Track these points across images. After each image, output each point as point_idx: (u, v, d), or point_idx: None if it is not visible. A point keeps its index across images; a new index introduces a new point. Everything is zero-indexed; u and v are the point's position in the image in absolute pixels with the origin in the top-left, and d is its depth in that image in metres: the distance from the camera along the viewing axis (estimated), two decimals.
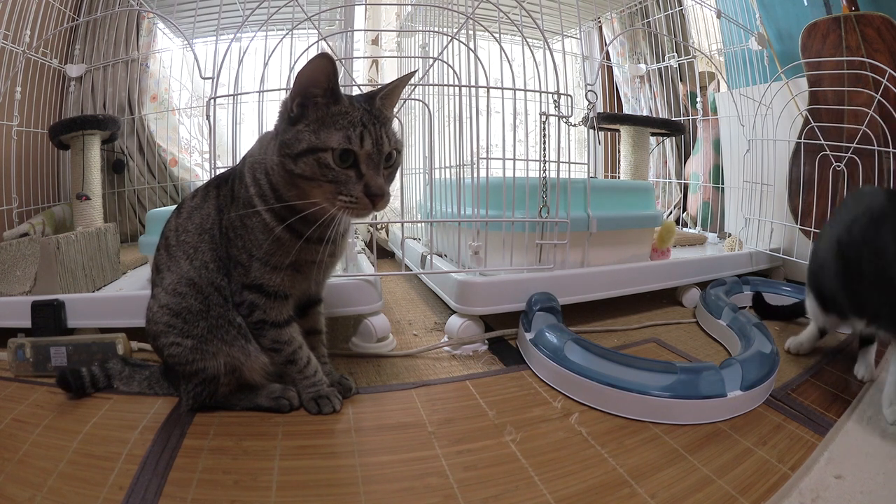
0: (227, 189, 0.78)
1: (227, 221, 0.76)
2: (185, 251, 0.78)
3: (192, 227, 0.79)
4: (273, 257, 0.74)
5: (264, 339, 0.78)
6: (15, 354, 0.94)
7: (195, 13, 1.49)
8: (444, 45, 1.19)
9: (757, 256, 1.63)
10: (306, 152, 0.65)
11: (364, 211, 0.67)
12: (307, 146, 0.65)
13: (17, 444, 0.70)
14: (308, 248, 0.74)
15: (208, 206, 0.79)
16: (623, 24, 2.34)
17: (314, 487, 0.62)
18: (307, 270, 0.78)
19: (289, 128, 0.68)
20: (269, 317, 0.77)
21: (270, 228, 0.73)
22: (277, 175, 0.70)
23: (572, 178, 1.21)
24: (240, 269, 0.75)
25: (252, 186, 0.74)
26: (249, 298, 0.76)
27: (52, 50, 1.77)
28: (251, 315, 0.77)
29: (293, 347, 0.79)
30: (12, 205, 1.60)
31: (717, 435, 0.76)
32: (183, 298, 0.77)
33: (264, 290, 0.76)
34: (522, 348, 1.06)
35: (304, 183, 0.67)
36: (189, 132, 2.15)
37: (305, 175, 0.66)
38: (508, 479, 0.64)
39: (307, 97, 0.67)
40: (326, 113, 0.66)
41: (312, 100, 0.67)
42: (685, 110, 2.29)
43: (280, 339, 0.78)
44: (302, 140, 0.66)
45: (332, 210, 0.68)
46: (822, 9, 1.60)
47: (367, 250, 1.59)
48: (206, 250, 0.77)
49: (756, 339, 0.98)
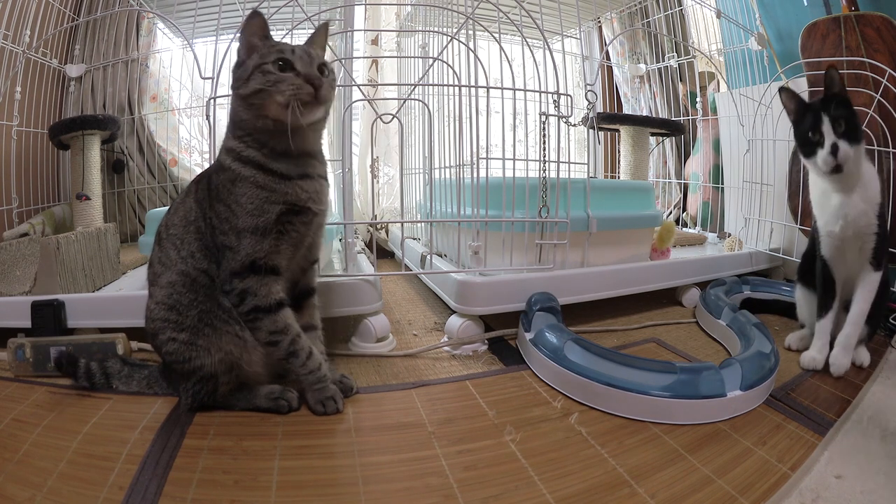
0: (204, 183, 0.82)
1: (211, 211, 0.78)
2: (173, 243, 0.80)
3: (177, 220, 0.82)
4: (261, 216, 0.75)
5: (260, 332, 0.78)
6: (15, 354, 0.94)
7: (195, 13, 1.49)
8: (443, 45, 1.19)
9: (757, 256, 1.63)
10: (253, 70, 0.74)
11: (308, 96, 0.74)
12: (252, 66, 0.75)
13: (17, 444, 0.70)
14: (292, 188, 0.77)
15: (189, 201, 0.82)
16: (623, 24, 2.34)
17: (314, 487, 0.62)
18: (296, 232, 0.79)
19: (236, 68, 0.77)
20: (261, 300, 0.77)
21: (252, 179, 0.76)
22: (240, 112, 0.77)
23: (572, 178, 1.21)
24: (228, 255, 0.76)
25: (227, 157, 0.78)
26: (240, 286, 0.76)
27: (51, 50, 1.77)
28: (242, 303, 0.77)
29: (291, 336, 0.78)
30: (12, 205, 1.60)
31: (717, 435, 0.76)
32: (174, 289, 0.78)
33: (255, 268, 0.76)
34: (522, 348, 1.06)
35: (257, 98, 0.74)
36: (189, 132, 2.15)
37: (256, 89, 0.73)
38: (508, 478, 0.64)
39: (251, 47, 0.77)
40: (265, 47, 0.77)
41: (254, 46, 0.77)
42: (685, 110, 2.29)
43: (276, 327, 0.77)
44: (248, 66, 0.75)
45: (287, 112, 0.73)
46: (822, 9, 1.60)
47: (367, 250, 1.59)
48: (192, 241, 0.79)
49: (756, 338, 0.98)
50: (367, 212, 2.08)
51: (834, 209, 0.99)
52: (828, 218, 1.01)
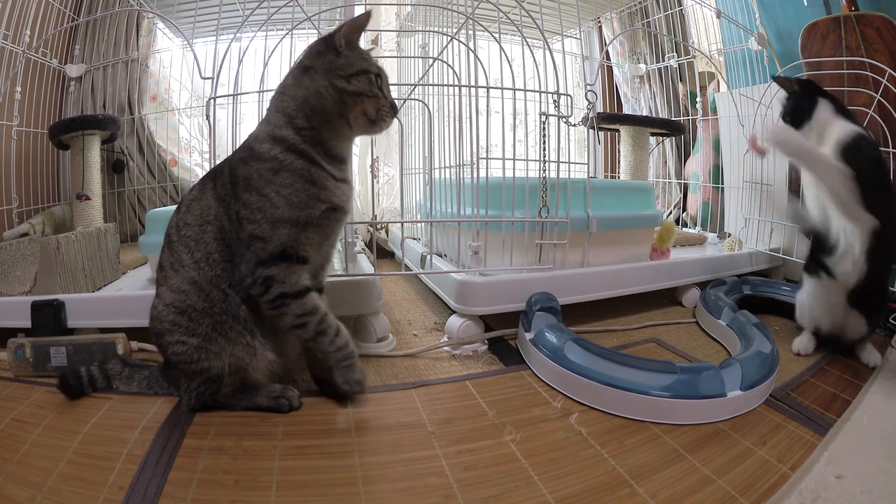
0: (225, 177, 0.80)
1: (237, 203, 0.77)
2: (186, 245, 0.79)
3: (191, 219, 0.80)
4: (304, 209, 0.76)
5: (287, 317, 0.77)
6: (15, 354, 0.94)
7: (195, 13, 1.49)
8: (443, 45, 1.19)
9: (757, 256, 1.63)
10: (360, 73, 0.78)
11: (391, 117, 0.82)
12: (360, 68, 0.79)
13: (17, 444, 0.70)
14: (337, 189, 0.79)
15: (207, 198, 0.80)
16: (623, 24, 2.34)
17: (314, 487, 0.62)
18: (329, 228, 0.81)
19: (334, 57, 0.79)
20: (288, 287, 0.76)
21: (303, 172, 0.77)
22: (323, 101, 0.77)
23: (572, 178, 1.21)
24: (257, 245, 0.75)
25: (274, 146, 0.77)
26: (265, 274, 0.75)
27: (51, 50, 1.77)
28: (267, 292, 0.76)
29: (319, 316, 0.78)
30: (12, 205, 1.60)
31: (717, 435, 0.76)
32: (187, 296, 0.77)
33: (285, 255, 0.76)
34: (522, 348, 1.06)
35: (352, 99, 0.78)
36: (189, 132, 2.15)
37: (356, 91, 0.78)
38: (508, 478, 0.64)
39: (351, 43, 0.80)
40: (365, 57, 0.81)
41: (350, 42, 0.80)
42: (685, 110, 2.29)
43: (304, 309, 0.77)
44: (354, 64, 0.78)
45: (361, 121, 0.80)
46: (822, 9, 1.60)
47: (367, 250, 1.59)
48: (209, 241, 0.78)
49: (756, 338, 0.98)
50: (367, 212, 2.08)
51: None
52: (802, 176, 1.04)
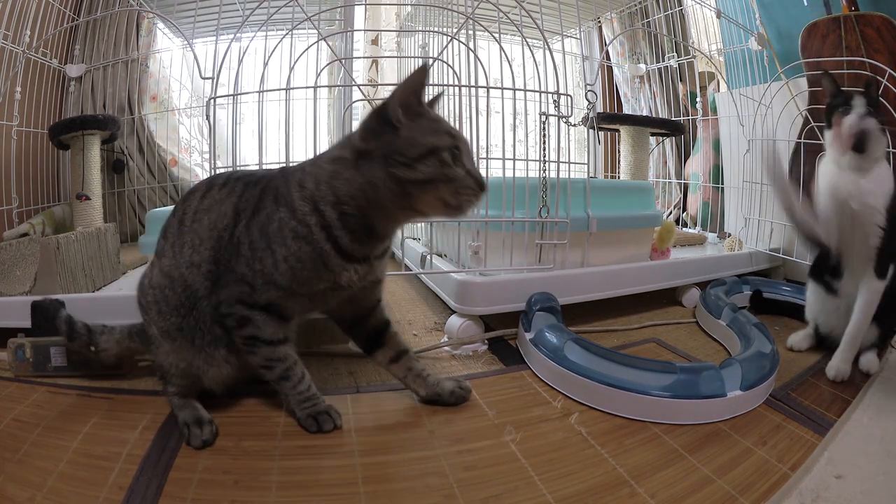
0: (252, 193, 0.73)
1: (246, 233, 0.71)
2: (190, 240, 0.74)
3: (207, 220, 0.74)
4: (302, 285, 0.69)
5: (255, 357, 0.73)
6: (15, 354, 0.94)
7: (195, 13, 1.49)
8: (443, 45, 1.19)
9: (757, 256, 1.63)
10: (428, 154, 0.64)
11: (476, 197, 0.67)
12: (427, 147, 0.64)
13: (17, 444, 0.70)
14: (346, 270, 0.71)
15: (227, 205, 0.74)
16: (623, 24, 2.34)
17: (314, 487, 0.62)
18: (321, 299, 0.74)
19: (392, 137, 0.65)
20: (263, 334, 0.72)
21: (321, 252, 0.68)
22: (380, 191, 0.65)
23: (572, 178, 1.21)
24: (243, 288, 0.70)
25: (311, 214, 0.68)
26: (244, 314, 0.71)
27: (51, 50, 1.77)
28: (241, 329, 0.72)
29: (287, 364, 0.74)
30: (12, 205, 1.60)
31: (717, 435, 0.76)
32: (162, 291, 0.75)
33: (269, 309, 0.71)
34: (522, 348, 1.06)
35: (418, 188, 0.64)
36: (189, 132, 2.15)
37: (425, 178, 0.64)
38: (508, 478, 0.64)
39: (409, 109, 0.66)
40: (423, 117, 0.67)
41: (409, 108, 0.66)
42: (685, 110, 2.29)
43: (274, 356, 0.73)
44: (418, 143, 0.64)
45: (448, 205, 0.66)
46: (822, 9, 1.60)
47: None
48: (205, 250, 0.73)
49: (756, 338, 0.98)
50: None
51: (845, 184, 0.95)
52: (833, 192, 0.96)
